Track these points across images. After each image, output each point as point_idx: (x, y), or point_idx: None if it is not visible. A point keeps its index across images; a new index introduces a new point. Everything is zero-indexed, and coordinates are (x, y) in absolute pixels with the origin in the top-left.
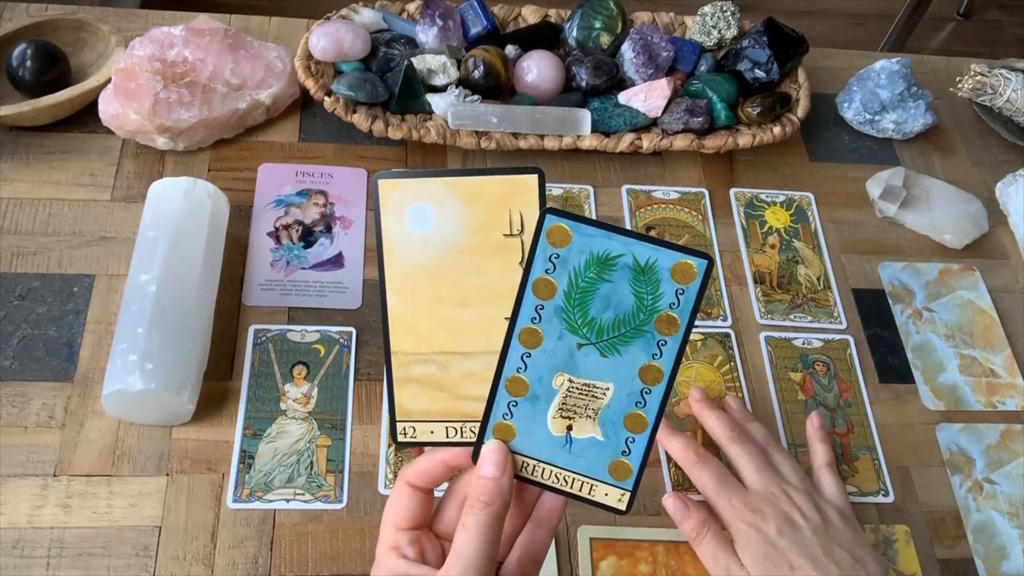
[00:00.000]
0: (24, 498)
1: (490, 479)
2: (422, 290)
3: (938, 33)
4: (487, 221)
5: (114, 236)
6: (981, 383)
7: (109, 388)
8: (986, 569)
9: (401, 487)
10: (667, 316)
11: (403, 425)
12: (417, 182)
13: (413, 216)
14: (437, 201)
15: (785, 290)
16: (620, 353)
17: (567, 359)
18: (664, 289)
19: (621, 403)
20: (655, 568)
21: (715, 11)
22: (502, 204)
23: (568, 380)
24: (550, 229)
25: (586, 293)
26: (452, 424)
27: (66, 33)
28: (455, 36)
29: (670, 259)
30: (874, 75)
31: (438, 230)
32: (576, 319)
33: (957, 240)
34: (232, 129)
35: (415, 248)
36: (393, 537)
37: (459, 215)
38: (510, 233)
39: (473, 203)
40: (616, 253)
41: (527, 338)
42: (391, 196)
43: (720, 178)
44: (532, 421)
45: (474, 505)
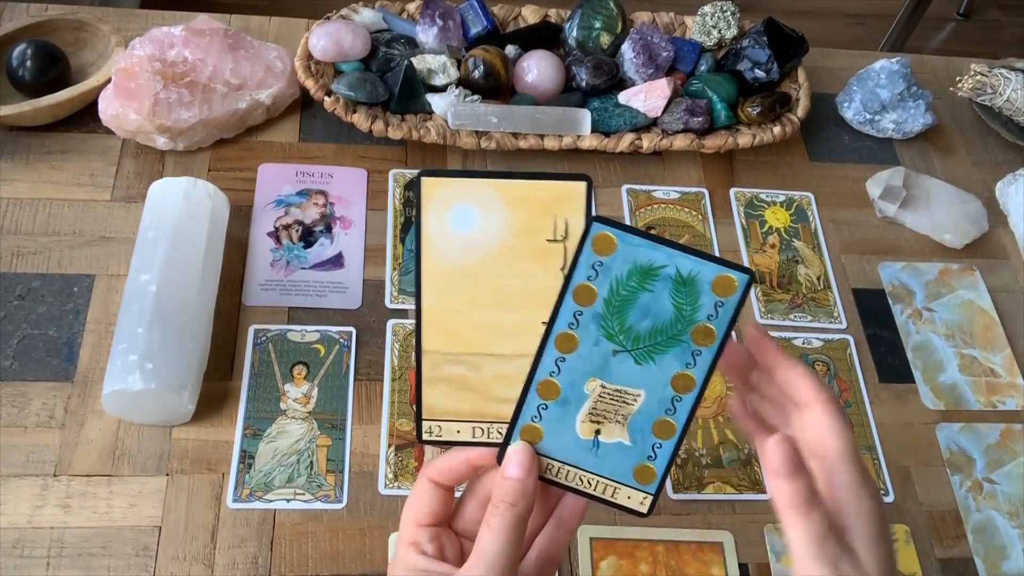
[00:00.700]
0: (24, 498)
1: (515, 480)
2: (459, 290)
3: (938, 33)
4: (531, 225)
5: (114, 236)
6: (981, 383)
7: (109, 388)
8: (986, 569)
9: (423, 483)
10: (704, 327)
11: (429, 424)
12: (462, 182)
13: (455, 216)
14: (481, 202)
15: (785, 290)
16: (654, 361)
17: (601, 365)
18: (704, 301)
19: (651, 409)
20: (655, 568)
21: (715, 11)
22: (548, 209)
23: (600, 385)
24: (596, 237)
25: (626, 301)
26: (479, 424)
27: (66, 33)
28: (455, 36)
29: (712, 272)
30: (874, 75)
31: (480, 231)
32: (614, 326)
33: (957, 240)
34: (232, 129)
35: (455, 248)
36: (413, 533)
37: (503, 217)
38: (553, 238)
39: (518, 206)
40: (660, 264)
41: (563, 343)
42: (434, 194)
43: (720, 178)
44: (560, 424)
45: (498, 505)
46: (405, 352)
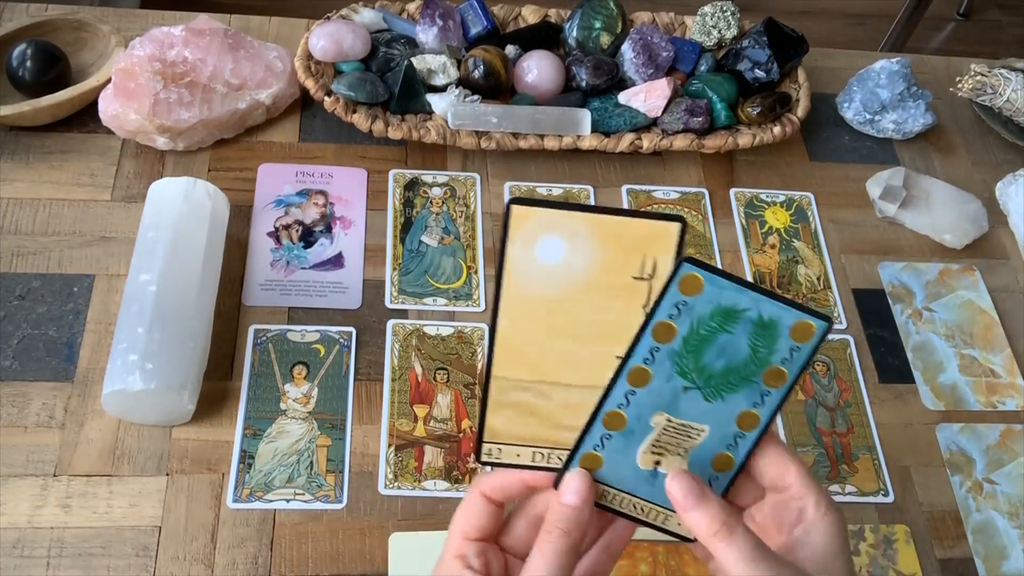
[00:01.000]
0: (24, 498)
1: (571, 507)
2: (537, 320)
3: (938, 33)
4: (619, 261)
5: (114, 236)
6: (981, 383)
7: (109, 388)
8: (986, 569)
9: (475, 496)
10: (777, 370)
11: (489, 446)
12: (553, 213)
13: (542, 246)
14: (570, 235)
15: (785, 290)
16: (724, 399)
17: (671, 400)
18: (780, 345)
19: (714, 444)
20: (655, 568)
21: (715, 11)
22: (638, 247)
23: (667, 419)
24: (684, 277)
25: (704, 341)
26: (540, 449)
27: (66, 33)
28: (455, 36)
29: (792, 318)
30: (874, 75)
31: (565, 263)
32: (688, 364)
33: (957, 240)
34: (232, 129)
35: (538, 278)
36: (460, 546)
37: (592, 251)
38: (640, 276)
39: (609, 242)
40: (743, 307)
41: (636, 377)
42: (523, 223)
43: (720, 178)
44: (622, 454)
45: (552, 531)
46: (405, 352)
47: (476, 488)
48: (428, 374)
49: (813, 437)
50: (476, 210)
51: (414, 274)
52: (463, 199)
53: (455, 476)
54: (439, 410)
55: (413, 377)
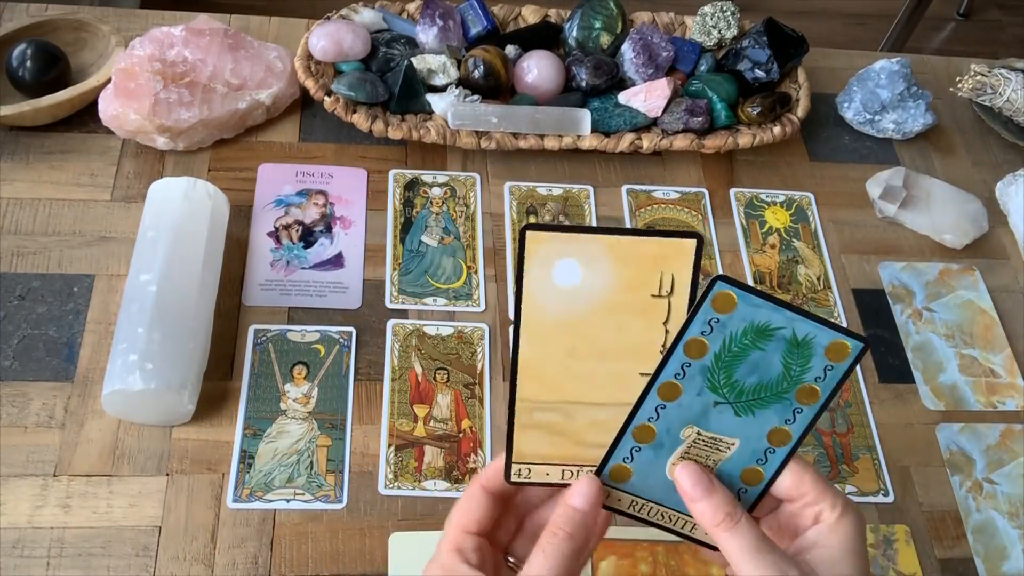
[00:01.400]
0: (24, 498)
1: (577, 510)
2: (558, 342)
3: (938, 33)
4: (637, 281)
5: (114, 236)
6: (981, 383)
7: (109, 388)
8: (986, 569)
9: (476, 491)
10: (810, 388)
11: (518, 467)
12: (567, 236)
13: (559, 270)
14: (587, 258)
15: (785, 290)
16: (754, 415)
17: (700, 414)
18: (814, 364)
19: (743, 458)
20: (655, 568)
21: (715, 11)
22: (655, 265)
23: (697, 432)
24: (717, 295)
25: (736, 357)
26: (569, 467)
27: (66, 33)
28: (455, 36)
29: (828, 337)
30: (874, 75)
31: (584, 285)
32: (720, 380)
33: (957, 240)
34: (232, 129)
35: (557, 301)
36: (459, 539)
37: (609, 272)
38: (658, 294)
39: (625, 262)
40: (776, 325)
41: (666, 391)
42: (539, 249)
43: (720, 178)
44: (651, 466)
45: (556, 533)
46: (405, 352)
47: (478, 482)
48: (428, 374)
49: (813, 437)
50: (476, 210)
51: (414, 274)
52: (463, 199)
53: (455, 476)
54: (439, 410)
55: (413, 377)
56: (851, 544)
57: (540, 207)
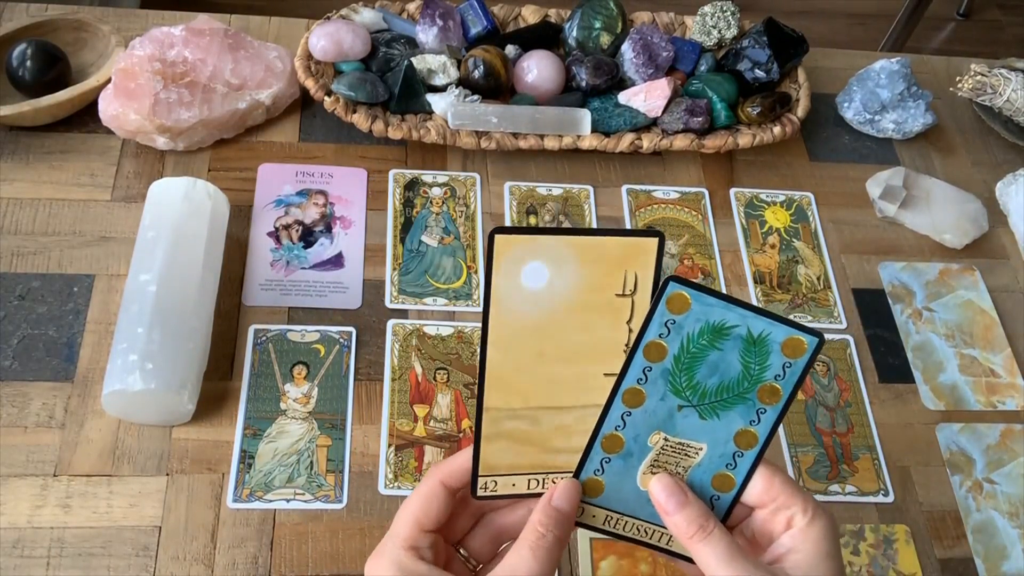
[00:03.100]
0: (24, 498)
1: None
2: (526, 346)
3: (938, 33)
4: (602, 281)
5: (114, 236)
6: (981, 383)
7: (109, 388)
8: (986, 569)
9: (434, 486)
10: (771, 387)
11: (485, 480)
12: (535, 239)
13: (527, 272)
14: (554, 259)
15: (785, 290)
16: (719, 417)
17: (666, 419)
18: (772, 361)
19: (712, 463)
20: (655, 568)
21: (715, 11)
22: (619, 264)
23: (664, 439)
24: (671, 296)
25: (695, 358)
26: (535, 476)
27: (66, 33)
28: (455, 36)
29: (783, 334)
30: (874, 75)
31: (550, 287)
32: (681, 382)
33: (957, 240)
34: (232, 129)
35: (524, 304)
36: (413, 536)
37: (576, 273)
38: (623, 293)
39: (591, 262)
40: (731, 324)
41: (630, 398)
42: (507, 251)
43: (720, 178)
44: (622, 477)
45: (544, 534)
46: (405, 352)
47: (435, 476)
48: (428, 374)
49: (813, 437)
50: (476, 210)
51: (414, 274)
52: (463, 199)
53: None
54: (439, 410)
55: (413, 377)
56: (825, 547)
57: (540, 207)
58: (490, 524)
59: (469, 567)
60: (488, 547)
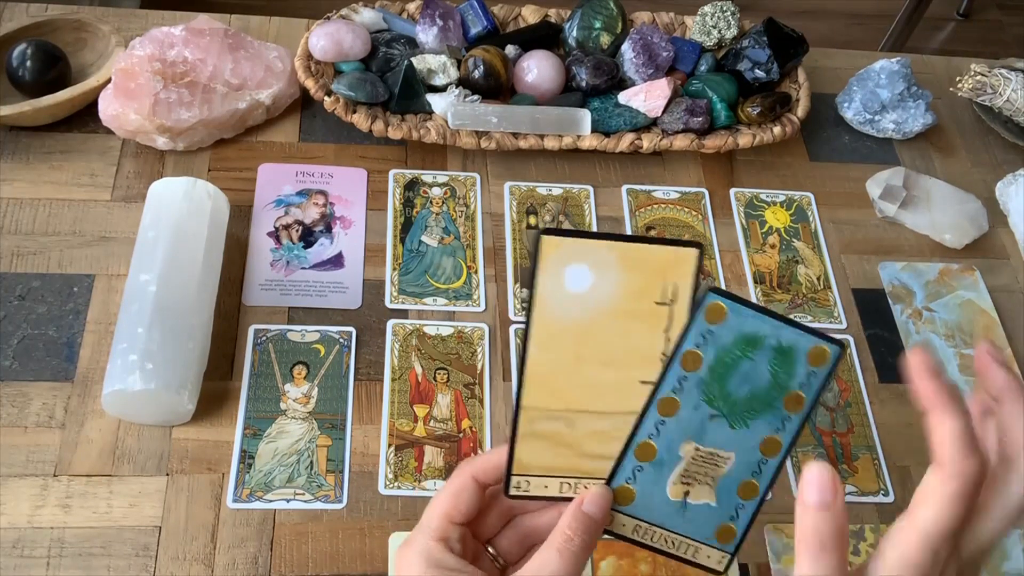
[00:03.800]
0: (24, 498)
1: (591, 518)
2: (566, 348)
3: (938, 33)
4: (643, 287)
5: (114, 236)
6: None
7: (109, 388)
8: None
9: (465, 480)
10: (796, 395)
11: (518, 479)
12: (581, 242)
13: (571, 275)
14: (597, 263)
15: (785, 290)
16: (748, 426)
17: (698, 428)
18: (798, 370)
19: (739, 472)
20: (655, 568)
21: (715, 11)
22: (659, 273)
23: (695, 448)
24: (709, 307)
25: (729, 368)
26: (567, 480)
27: (66, 33)
28: (455, 36)
29: (809, 343)
30: (874, 75)
31: (593, 291)
32: (715, 391)
33: (957, 240)
34: (232, 129)
35: (567, 307)
36: (444, 528)
37: (617, 279)
38: (661, 301)
39: (633, 269)
40: (763, 334)
41: (665, 407)
42: (552, 253)
43: (720, 178)
44: (653, 486)
45: (572, 538)
46: (405, 352)
47: (466, 471)
48: (428, 374)
49: (813, 437)
50: (476, 210)
51: (414, 274)
52: (463, 199)
53: None
54: (439, 410)
55: (413, 377)
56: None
57: (540, 207)
58: (520, 525)
59: (497, 565)
60: (516, 547)
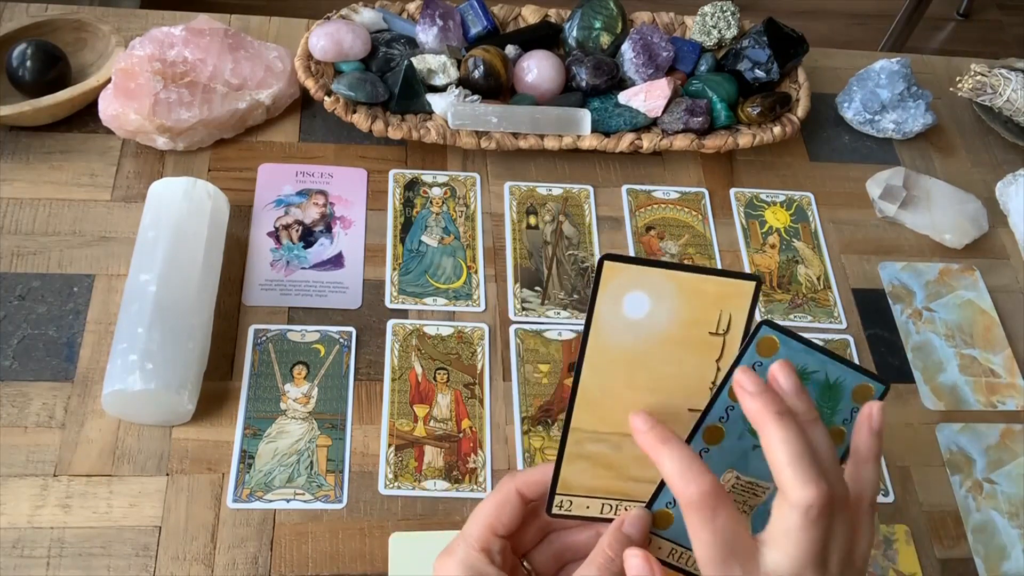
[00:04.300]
0: (24, 498)
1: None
2: (618, 372)
3: (938, 33)
4: (698, 317)
5: (114, 236)
6: (981, 383)
7: (109, 388)
8: (986, 569)
9: (510, 493)
10: (838, 430)
11: (561, 498)
12: (641, 269)
13: (629, 301)
14: (656, 291)
15: (785, 290)
16: None
17: (740, 457)
18: (843, 406)
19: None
20: None
21: (715, 11)
22: (716, 303)
23: (736, 477)
24: (762, 340)
25: None
26: (608, 502)
27: (66, 33)
28: (455, 36)
29: (855, 380)
30: (874, 75)
31: (649, 318)
32: None
33: (957, 240)
34: (232, 129)
35: (623, 332)
36: (487, 539)
37: (674, 307)
38: (716, 332)
39: (690, 298)
40: (812, 369)
41: (710, 435)
42: (613, 278)
43: (720, 178)
44: None
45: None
46: (405, 352)
47: (512, 484)
48: (428, 374)
49: None
50: (476, 210)
51: (414, 274)
52: (463, 199)
53: (455, 476)
54: (439, 410)
55: (413, 377)
56: None
57: (540, 207)
58: (555, 541)
59: None
60: (551, 564)
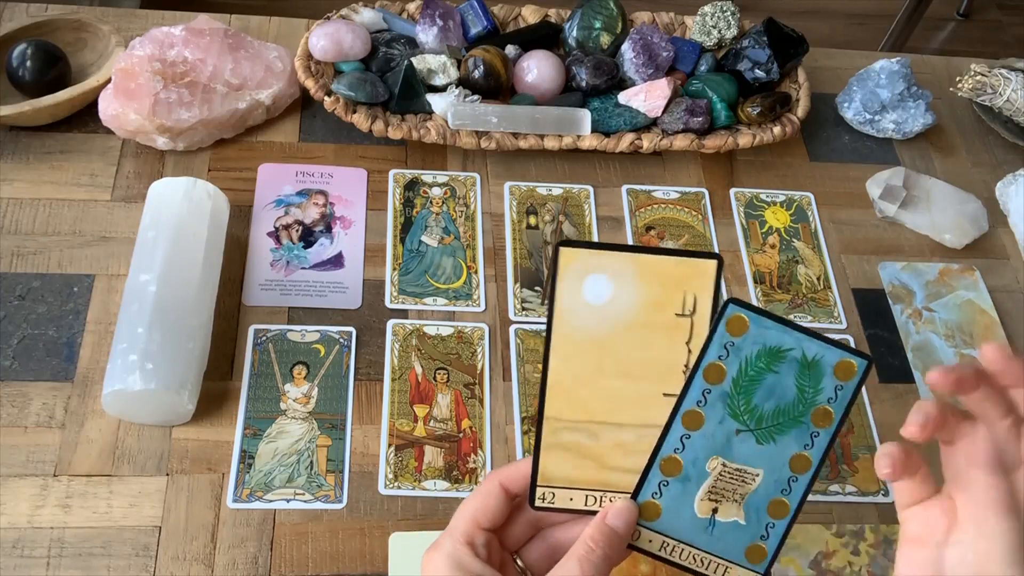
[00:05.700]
0: (24, 498)
1: (614, 531)
2: (587, 359)
3: (938, 33)
4: (662, 299)
5: (114, 236)
6: None
7: (109, 388)
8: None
9: (493, 487)
10: (824, 410)
11: (543, 490)
12: (599, 254)
13: (589, 286)
14: (616, 274)
15: (785, 290)
16: (775, 441)
17: (724, 443)
18: (825, 384)
19: (768, 489)
20: (655, 568)
21: (715, 11)
22: (679, 284)
23: (722, 464)
24: (731, 318)
25: (753, 381)
26: (592, 493)
27: (66, 33)
28: (455, 36)
29: (835, 357)
30: (874, 75)
31: (612, 303)
32: (739, 405)
33: (957, 240)
34: (232, 129)
35: (587, 318)
36: (472, 532)
37: (636, 290)
38: (682, 313)
39: (651, 280)
40: (787, 347)
41: (690, 420)
42: (571, 264)
43: (720, 178)
44: (679, 502)
45: (594, 548)
46: (405, 352)
47: (495, 478)
48: (428, 374)
49: None
50: (476, 210)
51: (414, 274)
52: (463, 199)
53: (455, 476)
54: (439, 410)
55: (413, 377)
56: None
57: (540, 207)
58: (548, 538)
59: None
60: (544, 560)
